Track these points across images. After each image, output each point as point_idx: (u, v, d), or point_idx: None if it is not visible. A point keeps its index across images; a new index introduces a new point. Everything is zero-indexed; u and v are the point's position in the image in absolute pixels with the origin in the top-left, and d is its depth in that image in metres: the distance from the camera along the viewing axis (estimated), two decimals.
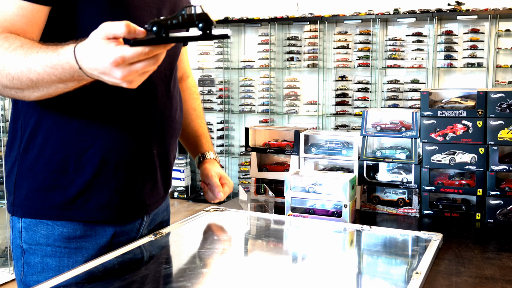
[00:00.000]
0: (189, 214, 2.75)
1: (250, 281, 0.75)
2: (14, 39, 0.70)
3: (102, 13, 0.77)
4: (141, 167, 0.86)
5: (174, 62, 0.92)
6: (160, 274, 0.77)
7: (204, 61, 4.39)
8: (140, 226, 0.91)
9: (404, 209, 1.15)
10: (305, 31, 4.13)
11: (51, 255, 0.83)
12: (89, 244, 0.84)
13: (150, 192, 0.89)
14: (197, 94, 1.13)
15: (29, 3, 0.73)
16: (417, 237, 0.93)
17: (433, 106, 1.15)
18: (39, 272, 0.83)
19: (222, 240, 0.94)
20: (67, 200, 0.82)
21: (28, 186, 0.83)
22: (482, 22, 3.70)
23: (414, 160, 1.15)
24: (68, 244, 0.83)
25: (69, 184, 0.82)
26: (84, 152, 0.81)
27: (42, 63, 0.67)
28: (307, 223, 1.04)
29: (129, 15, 0.79)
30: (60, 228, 0.83)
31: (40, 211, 0.82)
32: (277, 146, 1.29)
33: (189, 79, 1.13)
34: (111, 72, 0.64)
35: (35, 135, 0.81)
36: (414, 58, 3.86)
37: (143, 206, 0.89)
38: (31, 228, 0.83)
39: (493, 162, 1.09)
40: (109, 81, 0.66)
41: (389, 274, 0.79)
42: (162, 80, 0.87)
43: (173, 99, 0.90)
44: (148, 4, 0.83)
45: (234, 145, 4.46)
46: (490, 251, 0.91)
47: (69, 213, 0.82)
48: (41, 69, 0.67)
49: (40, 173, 0.82)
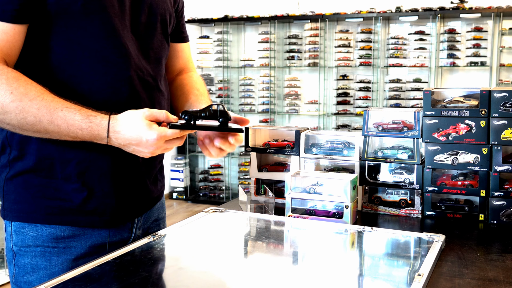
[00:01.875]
0: (188, 215, 2.75)
1: (250, 283, 0.74)
2: (26, 83, 0.75)
3: (78, 24, 0.79)
4: (127, 174, 0.87)
5: (158, 68, 0.91)
6: (158, 276, 0.77)
7: (203, 59, 4.38)
8: (133, 225, 0.91)
9: (406, 210, 1.14)
10: (305, 29, 4.12)
11: (40, 256, 0.84)
12: (78, 243, 0.85)
13: (138, 196, 0.90)
14: (200, 80, 1.08)
15: (10, 25, 0.75)
16: (419, 238, 0.93)
17: (436, 106, 1.14)
18: (29, 273, 0.84)
19: (221, 241, 0.93)
20: (54, 205, 0.83)
21: (16, 191, 0.84)
22: (485, 20, 3.68)
23: (416, 160, 1.14)
24: (56, 244, 0.84)
25: (55, 191, 0.83)
26: (69, 161, 0.82)
27: (69, 122, 0.76)
28: (308, 224, 1.03)
29: (107, 23, 0.80)
30: (48, 229, 0.83)
31: (28, 214, 0.84)
32: (277, 146, 1.28)
33: (191, 72, 1.09)
34: (148, 146, 0.76)
35: (23, 144, 0.83)
36: (417, 56, 3.84)
37: (132, 210, 0.90)
38: (20, 230, 0.84)
39: (496, 162, 1.08)
40: (139, 151, 0.78)
41: (391, 276, 0.78)
42: (144, 88, 0.87)
43: (156, 104, 0.90)
44: (126, 11, 0.83)
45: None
46: (493, 253, 0.91)
47: (56, 218, 0.84)
48: (64, 127, 0.76)
49: (28, 180, 0.83)
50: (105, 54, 0.81)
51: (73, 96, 0.79)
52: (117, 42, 0.81)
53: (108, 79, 0.81)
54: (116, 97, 0.81)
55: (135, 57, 0.84)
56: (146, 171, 0.91)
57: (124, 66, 0.82)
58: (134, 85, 0.84)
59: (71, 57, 0.80)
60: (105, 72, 0.81)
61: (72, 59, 0.80)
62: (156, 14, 0.89)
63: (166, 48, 0.95)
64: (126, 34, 0.83)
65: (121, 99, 0.82)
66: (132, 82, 0.83)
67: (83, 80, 0.80)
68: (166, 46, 0.94)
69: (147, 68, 0.87)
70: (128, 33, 0.84)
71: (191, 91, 1.00)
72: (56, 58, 0.80)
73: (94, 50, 0.80)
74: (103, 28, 0.80)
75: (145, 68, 0.86)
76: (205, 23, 4.27)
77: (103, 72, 0.81)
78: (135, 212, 0.91)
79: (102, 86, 0.81)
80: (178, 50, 1.04)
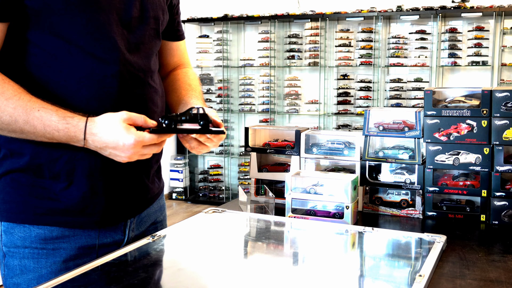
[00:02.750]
0: (188, 215, 2.74)
1: (250, 285, 0.74)
2: (3, 82, 0.75)
3: (62, 20, 0.78)
4: (117, 172, 0.85)
5: (149, 64, 0.89)
6: (157, 278, 0.77)
7: (203, 59, 4.37)
8: (125, 227, 0.89)
9: (407, 211, 1.14)
10: (306, 28, 4.11)
11: (28, 257, 0.83)
12: (67, 244, 0.84)
13: (131, 196, 0.88)
14: (194, 76, 1.05)
15: None
16: (420, 239, 0.93)
17: (437, 106, 1.13)
18: (18, 275, 0.83)
19: (221, 242, 0.93)
20: (43, 205, 0.82)
21: (4, 190, 0.83)
22: (487, 20, 3.67)
23: (418, 160, 1.13)
24: (45, 245, 0.83)
25: (44, 191, 0.82)
26: (56, 161, 0.81)
27: (45, 123, 0.75)
28: (308, 225, 1.03)
29: (92, 18, 0.79)
30: (37, 230, 0.82)
31: (16, 214, 0.83)
32: (277, 146, 1.27)
33: (186, 68, 1.07)
34: (124, 150, 0.75)
35: (10, 144, 0.82)
36: (418, 56, 3.83)
37: (124, 211, 0.88)
38: (9, 231, 0.83)
39: (498, 162, 1.07)
40: (115, 155, 0.77)
41: (392, 277, 0.78)
42: (135, 83, 0.85)
43: (148, 101, 0.88)
44: (114, 5, 0.82)
45: (234, 145, 4.43)
46: (495, 254, 0.91)
47: (45, 218, 0.82)
48: (40, 127, 0.75)
49: (17, 179, 0.82)
50: (91, 49, 0.79)
51: (61, 92, 0.78)
52: (103, 36, 0.80)
53: (95, 75, 0.80)
54: (105, 93, 0.80)
55: (125, 51, 0.83)
56: (141, 170, 0.89)
57: (112, 60, 0.81)
58: (123, 80, 0.82)
59: (57, 53, 0.79)
60: (92, 67, 0.80)
61: (58, 55, 0.79)
62: (148, 9, 0.88)
63: (158, 44, 0.93)
64: (115, 29, 0.82)
65: (110, 95, 0.80)
66: (121, 77, 0.82)
67: (71, 76, 0.79)
68: (158, 42, 0.93)
69: (138, 63, 0.85)
70: (118, 28, 0.82)
71: (182, 86, 0.98)
72: (43, 55, 0.79)
73: (80, 45, 0.79)
74: (87, 23, 0.79)
75: (136, 63, 0.85)
76: (204, 22, 4.26)
77: (91, 68, 0.80)
78: (128, 212, 0.89)
79: (90, 82, 0.79)
80: (173, 48, 1.03)
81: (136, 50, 0.85)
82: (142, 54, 0.86)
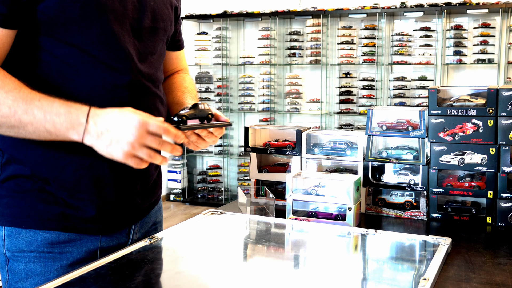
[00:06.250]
0: (186, 217, 2.73)
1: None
2: (4, 77, 0.74)
3: (76, 29, 0.79)
4: (124, 181, 0.86)
5: (157, 74, 0.91)
6: (154, 281, 0.76)
7: (201, 57, 4.35)
8: (130, 230, 0.91)
9: (411, 212, 1.12)
10: (307, 25, 4.08)
11: (35, 261, 0.83)
12: (74, 248, 0.84)
13: (135, 202, 0.90)
14: (190, 81, 1.09)
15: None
16: (424, 241, 0.92)
17: (442, 105, 1.12)
18: (23, 279, 0.84)
19: (220, 245, 0.92)
20: (49, 210, 0.83)
21: (8, 195, 0.84)
22: (493, 16, 3.63)
23: (422, 161, 1.12)
24: (52, 249, 0.83)
25: (49, 197, 0.83)
26: (63, 169, 0.82)
27: (46, 109, 0.73)
28: (310, 227, 1.03)
29: (107, 27, 0.80)
30: (43, 234, 0.83)
31: (22, 219, 0.83)
32: (278, 146, 1.26)
33: (183, 74, 1.10)
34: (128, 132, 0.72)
35: (15, 148, 0.82)
36: (422, 54, 3.80)
37: (128, 216, 0.90)
38: (13, 235, 0.83)
39: (504, 163, 1.06)
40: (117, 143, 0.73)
41: (395, 281, 0.78)
42: (144, 93, 0.87)
43: (154, 111, 0.89)
44: (128, 15, 0.83)
45: (233, 145, 4.41)
46: (501, 256, 0.90)
47: (50, 223, 0.83)
48: (40, 115, 0.73)
49: (21, 184, 0.83)
50: (104, 58, 0.81)
51: (72, 101, 0.78)
52: (117, 46, 0.82)
53: (107, 84, 0.81)
54: (116, 103, 0.81)
55: (136, 61, 0.85)
56: (144, 178, 0.91)
57: (124, 71, 0.82)
58: (134, 90, 0.84)
59: (70, 61, 0.79)
60: (104, 77, 0.81)
61: (71, 63, 0.80)
62: (159, 20, 0.90)
63: (164, 54, 0.97)
64: (128, 39, 0.83)
65: (121, 104, 0.81)
66: (132, 86, 0.84)
67: (82, 85, 0.80)
68: (164, 52, 0.96)
69: (148, 73, 0.87)
70: (130, 38, 0.84)
71: (178, 88, 1.01)
72: (55, 62, 0.79)
73: (93, 55, 0.80)
74: (102, 32, 0.80)
75: (146, 73, 0.87)
76: (203, 19, 4.24)
77: (103, 77, 0.81)
78: (132, 218, 0.91)
79: (102, 91, 0.81)
80: (173, 58, 1.06)
81: (146, 60, 0.87)
82: (151, 64, 0.89)
